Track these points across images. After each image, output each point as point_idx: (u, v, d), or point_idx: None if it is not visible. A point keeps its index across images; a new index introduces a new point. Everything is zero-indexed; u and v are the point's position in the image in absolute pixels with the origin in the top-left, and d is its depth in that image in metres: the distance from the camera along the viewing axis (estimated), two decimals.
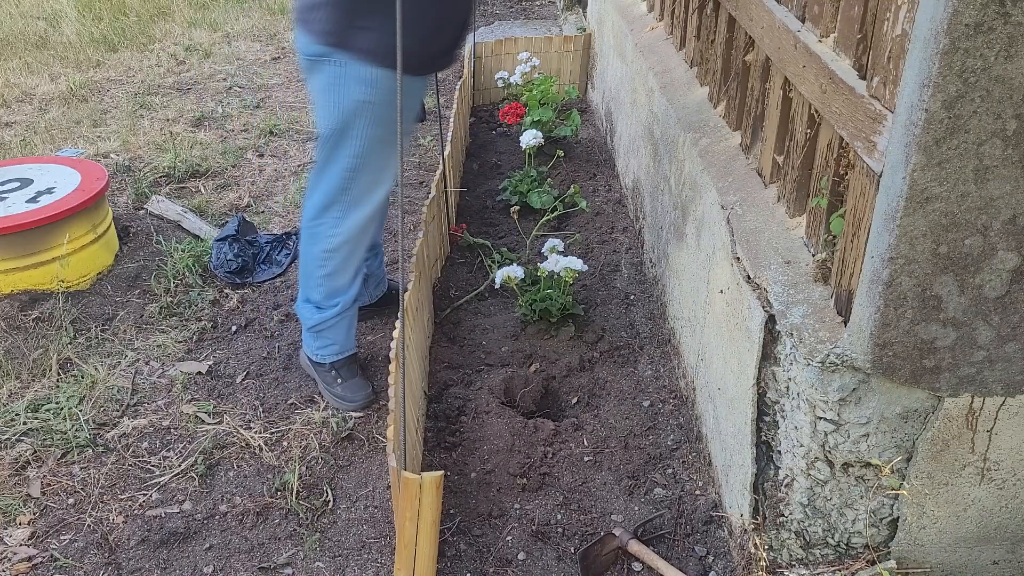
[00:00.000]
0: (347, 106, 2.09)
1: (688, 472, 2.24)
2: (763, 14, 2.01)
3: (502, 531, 2.09)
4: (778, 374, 1.71)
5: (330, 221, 2.28)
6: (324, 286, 2.38)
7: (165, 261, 3.21)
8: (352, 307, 2.46)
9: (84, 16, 6.58)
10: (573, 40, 4.75)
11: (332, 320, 2.42)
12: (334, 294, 2.39)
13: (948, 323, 1.43)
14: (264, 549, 2.07)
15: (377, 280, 2.81)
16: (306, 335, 2.51)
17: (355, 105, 2.08)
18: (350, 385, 2.48)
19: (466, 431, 2.37)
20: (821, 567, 1.76)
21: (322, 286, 2.38)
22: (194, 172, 4.02)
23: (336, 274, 2.36)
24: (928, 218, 1.34)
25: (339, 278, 2.37)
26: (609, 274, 3.17)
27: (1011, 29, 1.18)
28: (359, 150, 2.15)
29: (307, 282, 2.42)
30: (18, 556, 2.05)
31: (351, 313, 2.47)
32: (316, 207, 2.28)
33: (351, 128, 2.12)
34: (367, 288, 2.77)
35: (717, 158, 2.30)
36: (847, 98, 1.54)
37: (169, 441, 2.41)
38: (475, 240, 3.31)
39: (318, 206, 2.28)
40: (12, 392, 2.58)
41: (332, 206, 2.26)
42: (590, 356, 2.69)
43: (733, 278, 1.92)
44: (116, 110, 4.87)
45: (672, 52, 3.15)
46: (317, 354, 2.49)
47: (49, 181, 3.16)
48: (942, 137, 1.27)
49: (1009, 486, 1.66)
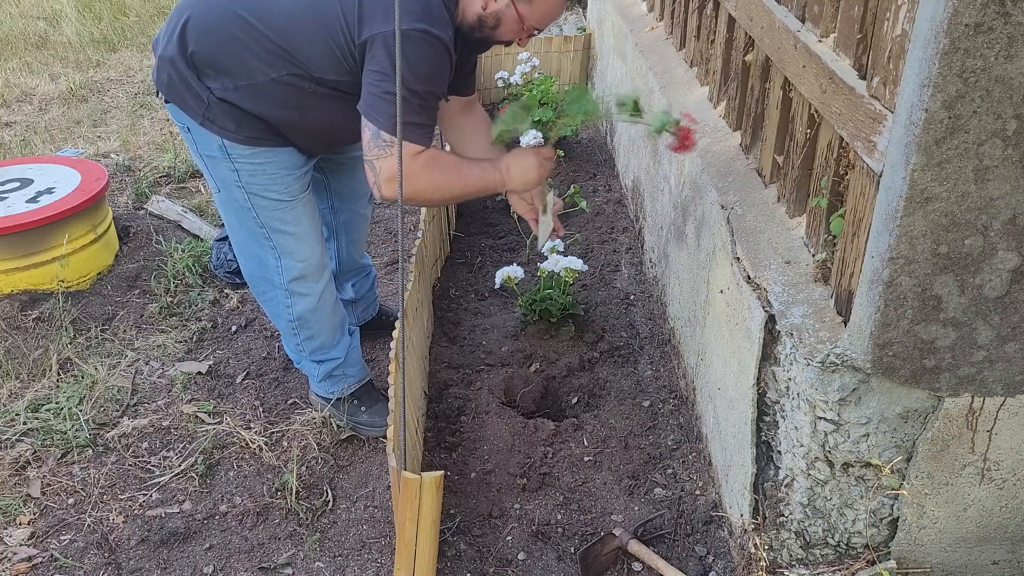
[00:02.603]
0: (217, 177, 2.03)
1: (688, 472, 2.24)
2: (763, 14, 2.01)
3: (502, 531, 2.09)
4: (778, 374, 1.71)
5: (277, 300, 2.19)
6: (307, 345, 2.28)
7: (165, 261, 3.21)
8: (354, 339, 2.38)
9: (84, 16, 6.58)
10: (573, 40, 4.75)
11: (339, 364, 2.34)
12: (320, 351, 2.30)
13: (948, 323, 1.43)
14: (264, 549, 2.07)
15: (367, 303, 2.72)
16: (316, 385, 2.40)
17: (222, 175, 2.01)
18: (376, 410, 2.39)
19: (466, 431, 2.37)
20: (821, 567, 1.76)
21: (305, 345, 2.29)
22: (194, 172, 4.02)
23: (314, 337, 2.27)
24: (928, 218, 1.34)
25: (317, 339, 2.27)
26: (609, 274, 3.17)
27: (1011, 29, 1.18)
28: (257, 221, 2.06)
29: (288, 341, 2.33)
30: (18, 556, 2.05)
31: (355, 345, 2.39)
32: (255, 280, 2.22)
33: (230, 195, 2.05)
34: (354, 311, 2.68)
35: (717, 158, 2.30)
36: (847, 98, 1.54)
37: (169, 441, 2.41)
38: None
39: (256, 279, 2.21)
40: (12, 392, 2.58)
41: (268, 287, 2.18)
42: (590, 356, 2.69)
43: (733, 278, 1.92)
44: (116, 110, 4.87)
45: (672, 52, 3.15)
46: (333, 393, 2.38)
47: (49, 181, 3.16)
48: (942, 137, 1.27)
49: (1009, 486, 1.66)
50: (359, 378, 2.41)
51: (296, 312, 2.20)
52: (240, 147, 1.94)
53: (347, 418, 2.39)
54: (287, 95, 1.87)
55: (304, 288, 2.17)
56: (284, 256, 2.11)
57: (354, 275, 2.63)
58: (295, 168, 2.03)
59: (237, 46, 1.83)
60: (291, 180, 2.03)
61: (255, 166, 1.97)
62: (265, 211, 2.04)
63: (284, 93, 1.87)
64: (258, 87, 1.86)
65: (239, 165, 1.97)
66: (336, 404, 2.39)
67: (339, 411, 2.39)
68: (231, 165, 1.97)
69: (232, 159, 1.96)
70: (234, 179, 1.99)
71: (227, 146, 1.94)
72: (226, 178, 2.00)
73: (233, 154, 1.95)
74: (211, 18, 1.84)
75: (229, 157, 1.96)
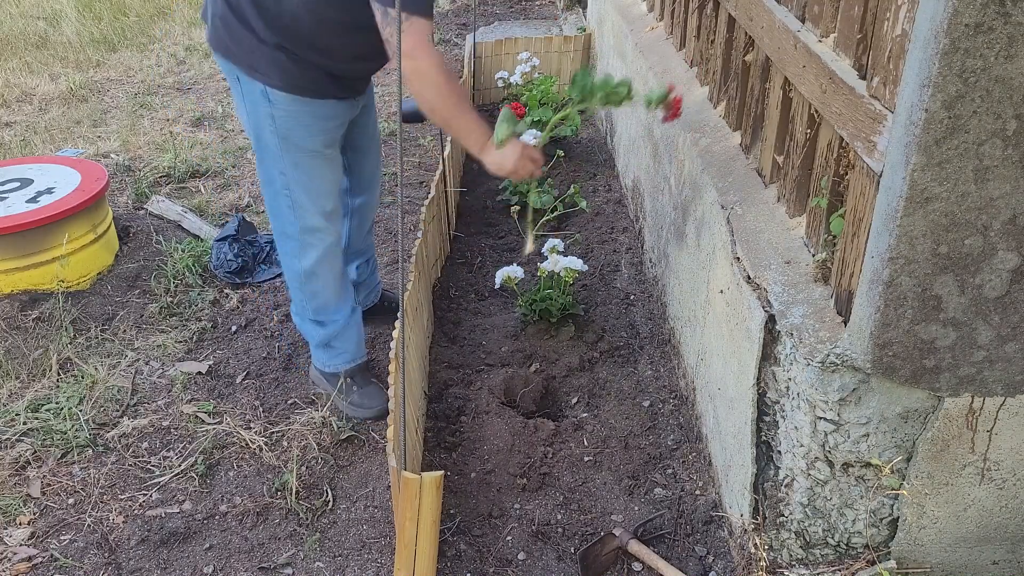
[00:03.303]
0: (254, 121, 2.14)
1: (688, 472, 2.24)
2: (763, 14, 2.01)
3: (502, 531, 2.09)
4: (778, 374, 1.71)
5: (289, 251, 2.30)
6: (311, 303, 2.37)
7: (165, 261, 3.21)
8: (356, 315, 2.45)
9: (84, 16, 6.58)
10: (573, 40, 4.75)
11: (339, 330, 2.41)
12: (322, 310, 2.38)
13: (948, 323, 1.43)
14: (264, 549, 2.07)
15: (369, 288, 2.79)
16: (315, 351, 2.50)
17: (259, 119, 2.12)
18: (366, 392, 2.46)
19: (466, 431, 2.37)
20: (821, 567, 1.76)
21: (309, 303, 2.38)
22: (194, 172, 4.02)
23: (318, 294, 2.35)
24: (928, 218, 1.34)
25: (321, 296, 2.36)
26: (609, 274, 3.17)
27: (1011, 29, 1.18)
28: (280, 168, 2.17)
29: (295, 296, 2.42)
30: (18, 556, 2.05)
31: (356, 320, 2.46)
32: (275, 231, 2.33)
33: (261, 141, 2.16)
34: (358, 295, 2.73)
35: (717, 158, 2.30)
36: (847, 98, 1.54)
37: (169, 441, 2.41)
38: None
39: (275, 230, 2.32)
40: (12, 392, 2.58)
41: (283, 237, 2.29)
42: (590, 356, 2.69)
43: (733, 278, 1.92)
44: (116, 110, 4.87)
45: (672, 52, 3.15)
46: (329, 365, 2.47)
47: (49, 181, 3.16)
48: (942, 137, 1.27)
49: (1009, 486, 1.66)
50: (355, 356, 2.48)
51: (306, 263, 2.28)
52: (280, 96, 2.05)
53: (337, 396, 2.46)
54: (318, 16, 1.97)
55: (315, 239, 2.26)
56: (298, 206, 2.20)
57: (358, 256, 2.69)
58: (329, 119, 2.15)
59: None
60: (324, 131, 2.14)
61: (291, 114, 2.08)
62: (292, 157, 2.13)
63: (313, 12, 1.96)
64: (294, 17, 1.96)
65: (276, 112, 2.07)
66: (329, 379, 2.48)
67: (331, 386, 2.47)
68: (270, 110, 2.07)
69: (272, 104, 2.06)
70: (270, 124, 2.09)
71: (269, 92, 2.05)
72: (263, 124, 2.10)
73: (274, 99, 2.06)
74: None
75: (269, 102, 2.06)
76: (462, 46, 5.79)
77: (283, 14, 1.97)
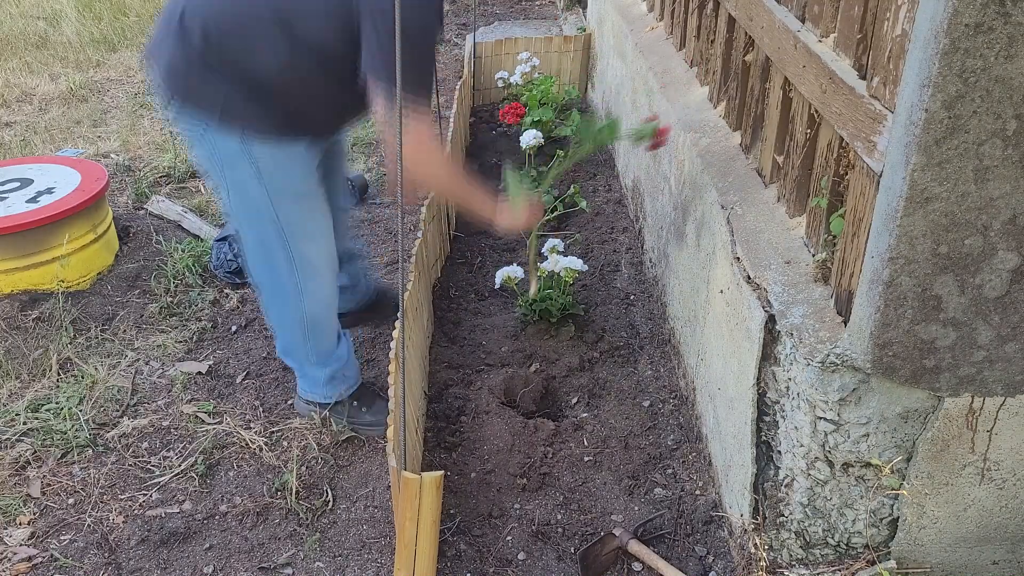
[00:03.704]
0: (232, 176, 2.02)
1: (688, 472, 2.24)
2: (763, 14, 2.01)
3: (502, 531, 2.09)
4: (778, 374, 1.71)
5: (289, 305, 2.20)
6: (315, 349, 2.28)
7: (165, 261, 3.21)
8: (348, 340, 2.39)
9: (84, 16, 6.58)
10: (573, 40, 4.75)
11: (342, 366, 2.34)
12: (325, 354, 2.30)
13: (948, 323, 1.43)
14: (264, 549, 2.07)
15: (362, 286, 2.70)
16: (315, 388, 2.38)
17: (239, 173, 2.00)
18: (376, 409, 2.39)
19: (466, 431, 2.37)
20: (821, 567, 1.76)
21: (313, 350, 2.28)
22: (194, 172, 4.02)
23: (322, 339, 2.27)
24: (928, 218, 1.34)
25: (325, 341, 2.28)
26: (609, 274, 3.17)
27: (1011, 29, 1.18)
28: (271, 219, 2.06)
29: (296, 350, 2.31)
30: (18, 556, 2.05)
31: (350, 346, 2.39)
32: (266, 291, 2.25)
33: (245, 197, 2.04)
34: (353, 297, 2.66)
35: (717, 158, 2.30)
36: (847, 98, 1.54)
37: (169, 441, 2.41)
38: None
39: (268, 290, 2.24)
40: (12, 392, 2.58)
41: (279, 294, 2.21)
42: (590, 356, 2.69)
43: (733, 278, 1.92)
44: (116, 110, 4.87)
45: (672, 52, 3.15)
46: (333, 397, 2.37)
47: (49, 181, 3.16)
48: (942, 137, 1.27)
49: (1009, 486, 1.66)
50: (357, 379, 2.41)
51: (309, 312, 2.20)
52: (260, 143, 1.92)
53: (348, 421, 2.38)
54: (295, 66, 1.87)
55: (317, 286, 2.18)
56: (298, 255, 2.10)
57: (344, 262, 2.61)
58: (312, 160, 2.04)
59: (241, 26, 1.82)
60: (309, 172, 2.05)
61: (277, 160, 1.95)
62: (285, 206, 2.02)
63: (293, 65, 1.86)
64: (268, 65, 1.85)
65: (261, 163, 1.94)
66: (333, 408, 2.38)
67: (336, 415, 2.38)
68: (251, 163, 1.93)
69: (253, 157, 1.93)
70: (253, 177, 1.95)
71: (247, 142, 1.91)
72: (243, 179, 1.96)
73: (254, 151, 1.92)
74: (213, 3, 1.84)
75: (250, 155, 1.92)
76: (462, 46, 5.79)
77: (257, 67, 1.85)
